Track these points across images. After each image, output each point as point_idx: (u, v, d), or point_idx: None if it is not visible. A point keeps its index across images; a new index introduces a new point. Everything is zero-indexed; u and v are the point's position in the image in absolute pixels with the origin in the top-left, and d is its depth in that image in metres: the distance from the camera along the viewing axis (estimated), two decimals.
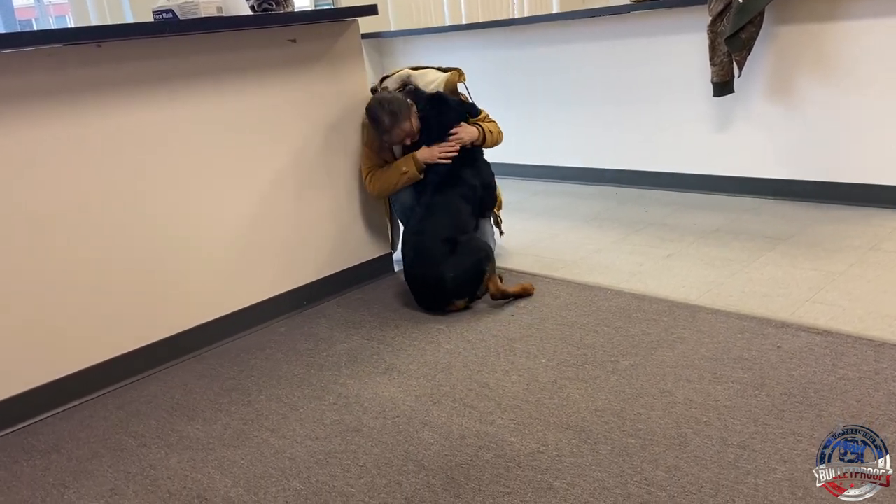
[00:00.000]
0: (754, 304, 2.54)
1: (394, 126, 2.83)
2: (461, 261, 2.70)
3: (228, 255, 2.72)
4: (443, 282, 2.66)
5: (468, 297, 2.73)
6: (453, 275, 2.66)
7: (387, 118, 2.81)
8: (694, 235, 3.32)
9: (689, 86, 3.90)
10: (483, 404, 2.08)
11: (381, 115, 2.82)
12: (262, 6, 2.82)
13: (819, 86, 3.47)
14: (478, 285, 2.72)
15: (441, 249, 2.73)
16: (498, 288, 2.75)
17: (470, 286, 2.71)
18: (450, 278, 2.66)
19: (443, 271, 2.66)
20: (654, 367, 2.18)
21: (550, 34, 4.46)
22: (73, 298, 2.34)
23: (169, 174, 2.52)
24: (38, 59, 2.20)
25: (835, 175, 3.54)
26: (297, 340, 2.67)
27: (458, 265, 2.68)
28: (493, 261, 2.78)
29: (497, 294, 2.74)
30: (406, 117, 2.84)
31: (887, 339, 2.18)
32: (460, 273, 2.68)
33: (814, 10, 3.38)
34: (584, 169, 4.54)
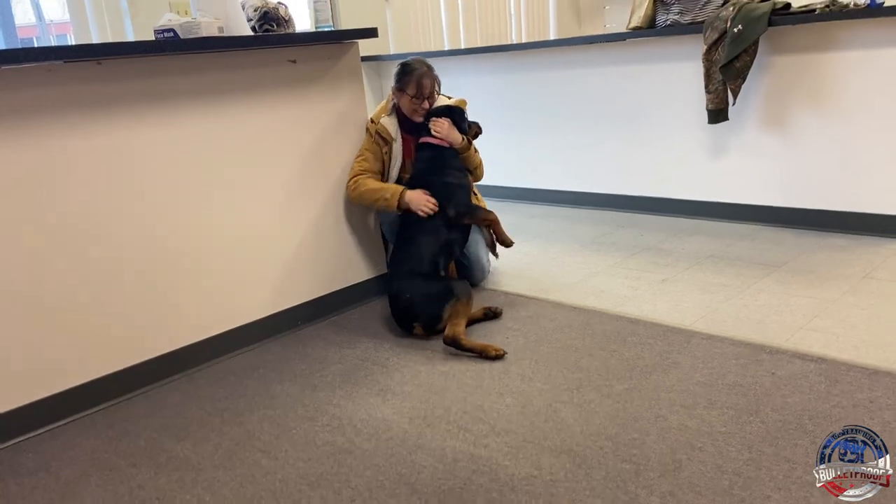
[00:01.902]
0: (749, 329, 2.54)
1: (423, 76, 2.92)
2: (427, 287, 2.69)
3: (223, 273, 2.71)
4: (398, 299, 2.71)
5: (423, 323, 2.67)
6: (409, 295, 2.68)
7: (421, 65, 2.95)
8: (689, 261, 3.33)
9: (684, 113, 3.94)
10: (477, 427, 2.07)
11: (416, 62, 2.97)
12: (263, 27, 2.84)
13: (812, 115, 3.51)
14: (435, 316, 2.63)
15: (414, 269, 2.74)
16: (455, 333, 2.54)
17: (426, 314, 2.65)
18: (405, 297, 2.69)
19: (403, 288, 2.70)
20: (648, 392, 2.17)
21: (548, 60, 4.50)
22: (64, 316, 2.32)
23: (164, 192, 2.52)
24: (38, 76, 2.20)
25: (828, 203, 3.56)
26: (291, 360, 2.65)
27: (421, 289, 2.68)
28: (462, 302, 2.62)
29: (448, 339, 2.54)
30: (434, 78, 2.96)
31: (881, 368, 2.18)
32: (419, 296, 2.67)
33: (807, 41, 3.43)
34: (579, 193, 4.56)
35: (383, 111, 3.06)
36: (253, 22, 2.82)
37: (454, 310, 2.61)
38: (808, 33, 3.42)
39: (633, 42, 4.06)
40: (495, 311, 2.85)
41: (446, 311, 2.62)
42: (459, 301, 2.63)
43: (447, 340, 2.56)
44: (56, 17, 4.63)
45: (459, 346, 2.54)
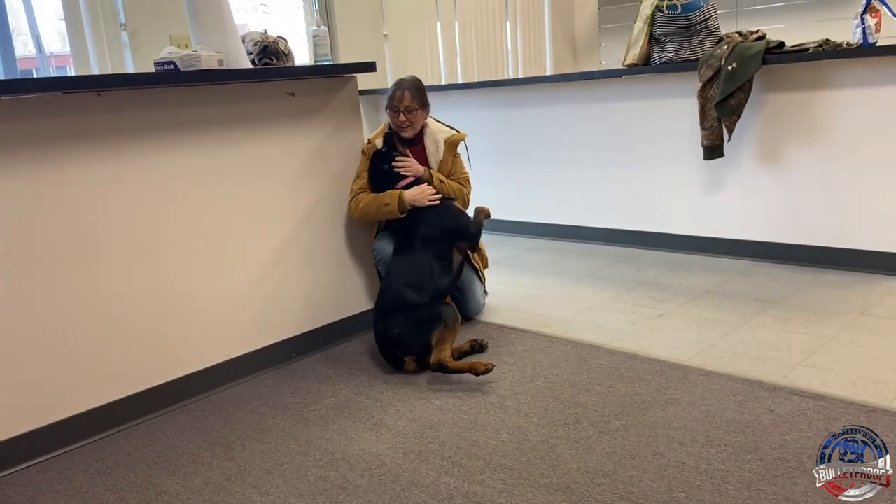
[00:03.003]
0: (746, 366, 2.53)
1: (399, 88, 3.02)
2: (415, 315, 2.67)
3: (215, 305, 2.70)
4: (387, 333, 2.69)
5: (415, 355, 2.65)
6: (398, 330, 2.66)
7: (404, 81, 3.05)
8: (685, 296, 3.33)
9: (679, 148, 3.97)
10: (472, 463, 2.04)
11: (405, 79, 3.07)
12: (263, 61, 2.87)
13: (807, 152, 3.54)
14: (425, 344, 2.62)
15: (400, 303, 2.71)
16: (441, 359, 2.58)
17: (416, 345, 2.63)
18: (395, 332, 2.66)
19: (390, 325, 2.68)
20: (646, 429, 2.15)
21: (544, 95, 4.55)
22: (55, 348, 2.30)
23: (161, 223, 2.52)
24: (37, 107, 2.21)
25: (824, 240, 3.58)
26: (284, 394, 2.62)
27: (408, 319, 2.66)
28: (448, 329, 2.64)
29: (435, 365, 2.59)
30: (415, 92, 3.03)
31: (880, 405, 2.17)
32: (404, 329, 2.65)
33: (801, 79, 3.47)
34: (575, 227, 4.57)
35: (380, 134, 3.13)
36: (253, 55, 2.85)
37: (440, 336, 2.63)
38: (801, 72, 3.46)
39: (629, 78, 4.11)
40: (481, 343, 2.85)
41: (434, 338, 2.62)
42: (447, 327, 2.65)
43: (434, 367, 2.59)
44: (56, 49, 4.67)
45: (446, 369, 2.58)
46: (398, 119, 3.04)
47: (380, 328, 2.75)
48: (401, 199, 2.90)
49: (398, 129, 3.08)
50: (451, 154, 3.16)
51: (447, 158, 3.14)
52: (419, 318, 2.66)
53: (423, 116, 3.12)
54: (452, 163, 3.16)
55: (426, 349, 2.63)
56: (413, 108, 3.03)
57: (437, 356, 2.60)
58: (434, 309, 2.70)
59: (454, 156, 3.17)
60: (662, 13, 3.85)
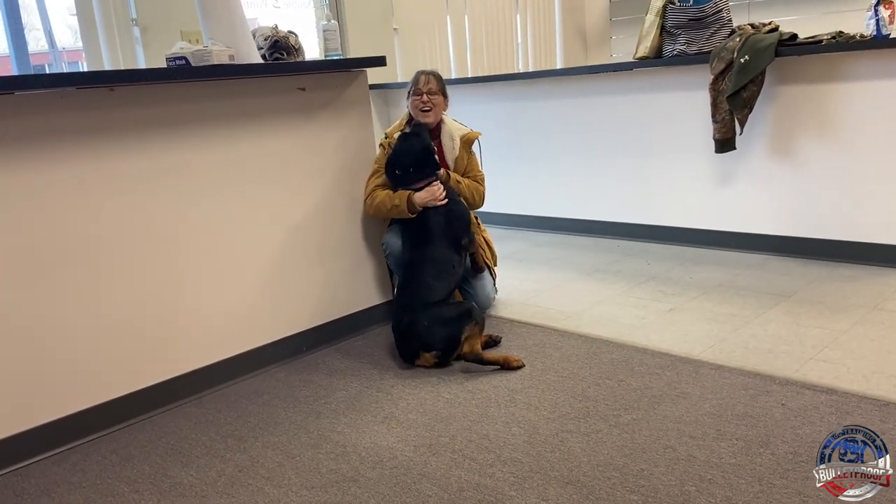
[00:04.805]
0: (758, 360, 2.52)
1: (423, 73, 3.09)
2: (446, 311, 2.69)
3: (227, 299, 2.71)
4: (414, 326, 2.67)
5: (440, 351, 2.65)
6: (427, 323, 2.66)
7: (426, 70, 3.14)
8: (696, 290, 3.32)
9: (691, 142, 3.95)
10: (483, 456, 2.05)
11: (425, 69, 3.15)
12: (274, 55, 2.87)
13: (819, 144, 3.51)
14: (454, 338, 2.63)
15: (424, 298, 2.72)
16: (476, 350, 2.65)
17: (443, 340, 2.64)
18: (423, 326, 2.66)
19: (418, 318, 2.67)
20: (656, 422, 2.15)
21: (554, 89, 4.53)
22: (69, 341, 2.33)
23: (170, 218, 2.54)
24: (50, 102, 2.23)
25: (836, 233, 3.55)
26: (296, 387, 2.64)
27: (439, 315, 2.67)
28: (476, 322, 2.68)
29: (470, 356, 2.64)
30: (436, 78, 3.11)
31: (892, 399, 2.16)
32: (435, 323, 2.65)
33: (813, 71, 3.45)
34: (586, 221, 4.56)
35: (398, 128, 3.14)
36: (263, 50, 2.86)
37: (472, 331, 2.67)
38: (814, 64, 3.44)
39: (640, 71, 4.09)
40: (495, 338, 2.87)
41: (465, 333, 2.65)
42: (477, 323, 2.69)
43: (469, 357, 2.65)
44: (68, 44, 4.69)
45: (482, 360, 2.64)
46: (421, 100, 3.07)
47: (405, 320, 2.72)
48: (410, 200, 2.89)
49: (420, 111, 3.08)
50: (467, 151, 3.16)
51: (462, 155, 3.15)
52: (449, 313, 2.68)
53: (444, 106, 3.15)
54: (468, 160, 3.17)
55: (453, 343, 2.64)
56: (435, 92, 3.08)
57: (470, 348, 2.65)
58: (463, 305, 2.76)
59: (469, 153, 3.18)
60: (674, 5, 3.83)
